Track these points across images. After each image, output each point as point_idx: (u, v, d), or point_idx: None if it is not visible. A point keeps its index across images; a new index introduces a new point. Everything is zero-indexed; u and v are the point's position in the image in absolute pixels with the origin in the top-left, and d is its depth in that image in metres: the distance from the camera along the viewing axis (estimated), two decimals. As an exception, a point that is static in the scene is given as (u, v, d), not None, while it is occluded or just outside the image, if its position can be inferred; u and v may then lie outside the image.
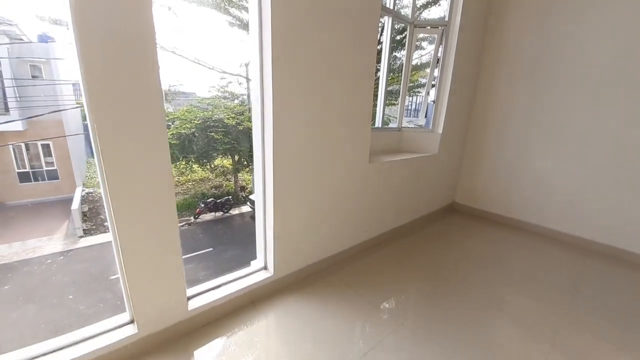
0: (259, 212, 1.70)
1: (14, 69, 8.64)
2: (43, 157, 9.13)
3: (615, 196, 2.36)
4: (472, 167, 3.23)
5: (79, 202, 8.12)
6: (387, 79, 2.58)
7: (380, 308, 1.66)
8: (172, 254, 1.24)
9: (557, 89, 2.54)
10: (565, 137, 2.56)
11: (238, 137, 8.44)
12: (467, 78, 2.88)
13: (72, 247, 7.36)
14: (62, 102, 9.15)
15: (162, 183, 1.16)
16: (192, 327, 1.37)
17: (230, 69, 8.78)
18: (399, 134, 2.82)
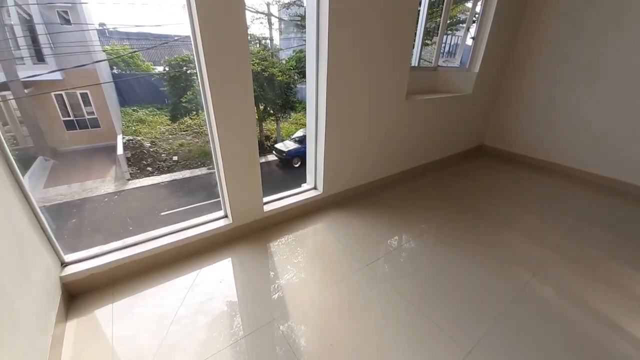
0: (310, 141, 1.98)
1: (44, 16, 8.77)
2: (83, 106, 9.73)
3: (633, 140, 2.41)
4: (505, 108, 3.26)
5: (122, 148, 8.85)
6: (427, 15, 2.56)
7: (409, 222, 2.00)
8: (253, 171, 1.59)
9: (601, 24, 2.43)
10: (603, 77, 2.53)
11: (263, 85, 8.47)
12: (510, 15, 2.77)
13: (123, 188, 8.29)
14: (93, 49, 9.37)
15: (248, 120, 1.45)
16: (266, 224, 1.79)
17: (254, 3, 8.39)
18: (434, 73, 2.87)
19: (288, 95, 9.16)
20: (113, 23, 14.23)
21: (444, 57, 5.47)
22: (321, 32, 1.63)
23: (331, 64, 1.67)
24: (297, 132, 10.86)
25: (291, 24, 9.05)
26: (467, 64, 2.86)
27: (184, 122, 10.57)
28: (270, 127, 11.56)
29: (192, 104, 8.31)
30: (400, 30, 1.95)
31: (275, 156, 10.25)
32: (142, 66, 12.90)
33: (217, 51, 1.24)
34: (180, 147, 9.79)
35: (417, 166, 2.75)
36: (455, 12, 6.13)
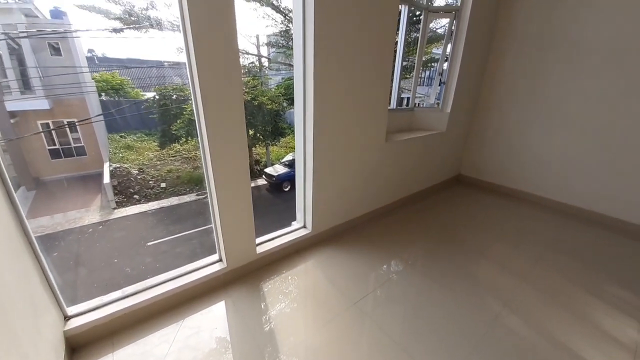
0: (299, 181, 2.14)
1: (34, 47, 8.90)
2: (70, 134, 9.69)
3: (601, 169, 2.71)
4: (476, 142, 3.56)
5: (109, 176, 8.77)
6: (402, 61, 2.86)
7: (392, 255, 2.15)
8: (246, 214, 1.71)
9: (557, 69, 2.79)
10: (561, 115, 2.86)
11: (253, 112, 8.73)
12: (475, 62, 3.11)
13: (108, 218, 8.12)
14: (83, 77, 9.47)
15: (241, 164, 1.59)
16: (259, 265, 1.89)
17: (245, 44, 8.77)
18: (411, 113, 3.15)
19: (277, 121, 9.44)
20: (103, 50, 14.43)
21: (424, 84, 5.93)
22: (307, 85, 1.83)
23: (316, 117, 1.87)
24: (286, 155, 11.08)
25: (279, 55, 9.52)
26: (440, 104, 3.16)
27: (172, 148, 10.62)
28: (260, 151, 11.74)
29: (182, 131, 8.43)
30: (377, 86, 2.20)
31: (265, 180, 10.36)
32: (132, 93, 13.01)
33: (212, 84, 1.36)
34: (168, 173, 9.77)
35: (400, 199, 2.94)
36: (431, 50, 6.69)
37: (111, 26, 4.82)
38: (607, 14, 2.45)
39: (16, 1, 9.42)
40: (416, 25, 3.04)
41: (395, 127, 3.00)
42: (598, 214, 2.77)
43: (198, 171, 9.71)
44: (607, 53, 2.50)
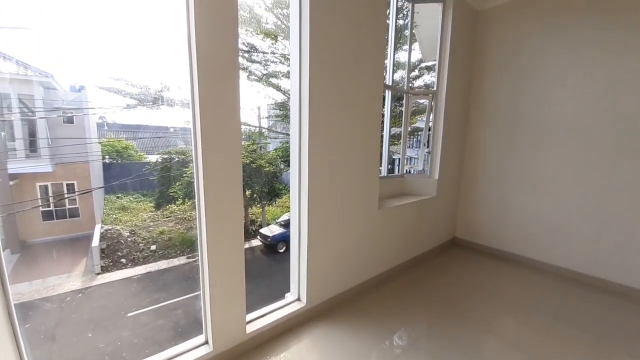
0: (294, 250, 2.13)
1: (49, 117, 9.57)
2: (67, 194, 9.76)
3: (593, 233, 2.76)
4: (467, 206, 3.67)
5: (98, 239, 8.52)
6: (390, 130, 3.13)
7: (392, 330, 2.02)
8: (237, 282, 1.66)
9: (530, 138, 3.07)
10: (542, 181, 3.03)
11: (251, 174, 9.02)
12: (455, 134, 3.43)
13: (90, 284, 7.63)
14: (90, 143, 9.95)
15: (235, 227, 1.62)
16: (248, 347, 1.75)
17: (248, 115, 9.54)
18: (402, 179, 3.31)
19: (274, 183, 9.70)
20: (114, 117, 15.51)
21: (413, 146, 6.33)
22: (302, 157, 1.97)
23: (310, 186, 1.97)
24: (282, 215, 11.05)
25: (278, 123, 10.29)
26: (428, 171, 3.35)
27: (168, 209, 10.60)
28: (257, 211, 11.74)
29: (180, 193, 8.55)
30: (367, 159, 2.38)
31: (259, 241, 10.12)
32: (135, 156, 13.53)
33: (214, 151, 1.48)
34: (160, 235, 9.55)
35: (396, 265, 2.88)
36: (415, 120, 7.36)
37: (126, 103, 5.30)
38: (565, 97, 2.82)
39: (37, 74, 10.49)
40: (400, 101, 3.42)
41: (387, 193, 3.12)
42: (599, 280, 2.71)
43: (191, 232, 9.52)
44: (568, 129, 2.79)
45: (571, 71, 2.76)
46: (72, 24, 3.78)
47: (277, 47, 6.87)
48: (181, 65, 1.44)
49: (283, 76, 7.44)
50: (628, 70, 2.47)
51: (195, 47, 1.37)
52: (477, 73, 3.42)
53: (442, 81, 3.12)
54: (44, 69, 11.22)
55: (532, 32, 2.98)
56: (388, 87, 2.91)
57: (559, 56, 2.82)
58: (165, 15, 3.89)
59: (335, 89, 2.03)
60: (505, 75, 3.20)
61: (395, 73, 3.34)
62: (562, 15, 2.79)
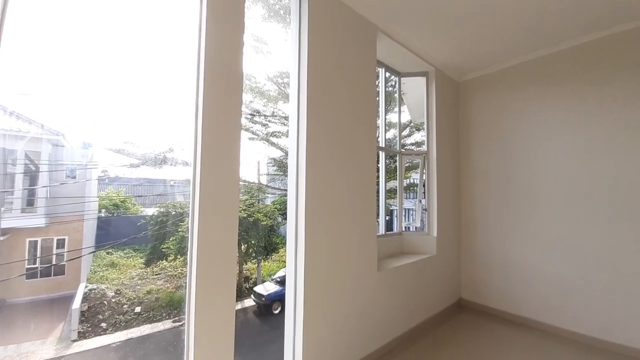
0: (289, 322, 1.98)
1: (51, 172, 9.77)
2: (56, 250, 9.39)
3: (596, 287, 2.63)
4: (469, 264, 3.55)
5: (80, 300, 7.94)
6: (386, 188, 3.20)
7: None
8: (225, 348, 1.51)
9: (522, 193, 3.13)
10: (539, 234, 2.99)
11: (248, 228, 8.88)
12: (450, 189, 3.51)
13: (63, 353, 6.85)
14: (89, 197, 9.97)
15: (226, 302, 1.53)
16: None
17: (247, 170, 9.82)
18: (400, 237, 3.27)
19: (271, 236, 9.49)
20: (116, 171, 15.89)
21: (410, 197, 6.36)
22: (299, 216, 1.97)
23: (307, 250, 1.93)
24: (278, 271, 10.54)
25: (277, 178, 10.51)
26: (426, 228, 3.33)
27: (158, 265, 10.14)
28: (252, 267, 11.23)
29: (173, 248, 8.28)
30: (364, 221, 2.39)
31: (253, 301, 9.46)
32: (132, 209, 13.42)
33: (211, 209, 1.51)
34: (147, 294, 8.94)
35: (399, 335, 2.66)
36: (410, 175, 7.59)
37: (130, 163, 5.49)
38: (548, 156, 2.97)
39: (48, 132, 11.06)
40: (395, 157, 3.58)
41: (386, 252, 3.05)
42: (615, 344, 2.49)
43: (180, 291, 8.96)
44: (558, 186, 2.88)
45: (551, 132, 2.96)
46: (87, 86, 4.14)
47: (278, 108, 7.42)
48: (187, 128, 1.56)
49: (283, 135, 7.89)
50: (602, 132, 2.65)
51: (201, 111, 1.51)
52: (464, 134, 3.66)
53: (432, 143, 3.31)
54: (55, 128, 11.82)
55: (508, 100, 3.29)
56: (382, 148, 3.08)
57: (536, 120, 3.06)
58: (175, 81, 4.29)
59: (331, 150, 2.14)
60: (491, 136, 3.41)
61: (388, 132, 3.56)
62: (530, 87, 3.11)
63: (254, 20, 5.48)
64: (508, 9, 2.38)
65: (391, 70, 3.31)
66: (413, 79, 3.48)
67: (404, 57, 3.07)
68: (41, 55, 3.78)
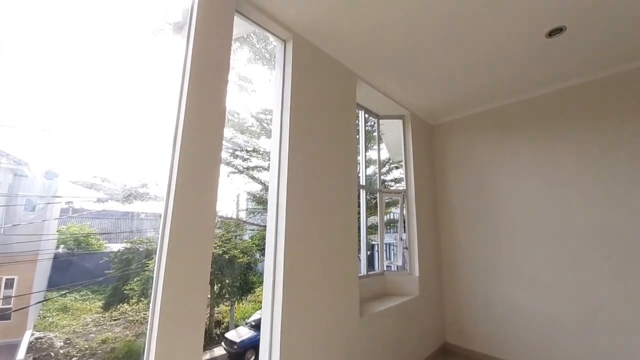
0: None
1: (8, 203, 8.96)
2: (3, 291, 8.19)
3: (581, 328, 2.62)
4: (453, 305, 3.47)
5: (24, 351, 6.83)
6: (367, 225, 3.17)
7: None
8: None
9: (498, 232, 3.19)
10: (520, 273, 3.00)
11: (222, 266, 8.36)
12: (429, 227, 3.55)
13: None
14: (48, 230, 9.10)
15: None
16: None
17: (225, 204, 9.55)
18: (382, 277, 3.18)
19: (247, 275, 8.96)
20: (81, 203, 14.72)
21: (390, 231, 6.31)
22: (277, 257, 1.86)
23: (285, 293, 1.80)
24: (253, 314, 9.78)
25: (256, 212, 10.25)
26: (408, 267, 3.28)
27: (119, 309, 9.11)
28: (224, 309, 10.38)
29: (137, 290, 7.54)
30: (346, 262, 2.32)
31: (224, 349, 8.57)
32: (95, 245, 12.36)
33: (182, 246, 1.40)
34: (102, 344, 7.89)
35: (384, 387, 2.46)
36: (390, 210, 7.69)
37: (97, 197, 5.18)
38: (520, 196, 3.12)
39: (11, 162, 10.31)
40: (375, 194, 3.62)
41: (368, 294, 2.93)
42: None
43: (141, 340, 7.98)
44: (532, 225, 2.99)
45: (519, 174, 3.15)
46: (58, 117, 3.99)
47: (259, 145, 7.50)
48: (163, 162, 1.50)
49: (264, 169, 7.87)
50: (567, 173, 2.84)
51: (179, 145, 1.46)
52: (440, 174, 3.81)
53: (410, 182, 3.40)
54: (20, 157, 11.14)
55: (477, 142, 3.51)
56: (362, 187, 3.12)
57: (504, 162, 3.26)
58: (156, 116, 4.23)
59: (311, 187, 2.12)
60: (464, 176, 3.57)
61: (368, 168, 3.64)
62: (497, 132, 3.36)
63: (240, 62, 5.74)
64: (474, 65, 2.65)
65: (370, 112, 3.49)
66: (391, 121, 3.67)
67: (382, 101, 3.27)
68: (13, 80, 3.65)
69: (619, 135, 2.63)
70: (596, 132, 2.75)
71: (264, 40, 5.13)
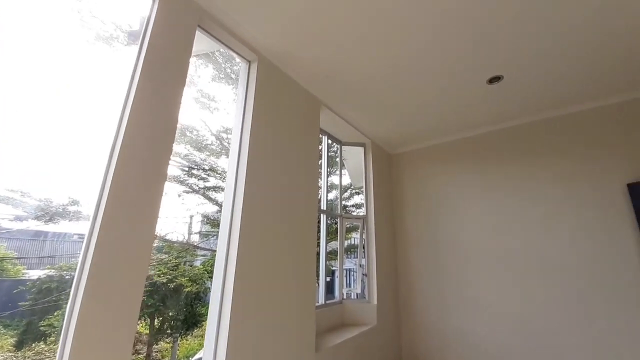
0: None
1: None
2: None
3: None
4: (410, 334, 3.43)
5: None
6: (327, 250, 3.09)
7: None
8: None
9: (453, 261, 3.31)
10: (475, 303, 3.07)
11: (166, 297, 7.48)
12: (388, 255, 3.58)
13: None
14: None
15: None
16: None
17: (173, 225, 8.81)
18: (340, 306, 3.06)
19: (195, 306, 8.11)
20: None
21: (351, 256, 6.24)
22: (227, 283, 1.67)
23: (232, 329, 1.61)
24: (200, 351, 8.76)
25: (210, 237, 9.54)
26: (367, 295, 3.22)
27: (33, 348, 7.53)
28: (165, 347, 9.15)
29: (55, 327, 6.35)
30: (303, 295, 2.19)
31: (161, 396, 7.43)
32: (11, 271, 10.37)
33: (109, 263, 1.21)
34: (0, 399, 6.35)
35: None
36: (350, 235, 7.73)
37: (14, 215, 4.42)
38: (472, 226, 3.32)
39: None
40: (335, 219, 3.59)
41: (326, 325, 2.79)
42: None
43: (56, 390, 6.59)
44: (485, 255, 3.16)
45: (470, 204, 3.37)
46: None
47: (217, 164, 7.18)
48: (98, 178, 1.31)
49: (222, 190, 7.50)
50: (514, 207, 3.08)
51: (117, 157, 1.29)
52: (398, 202, 3.94)
53: (370, 208, 3.46)
54: None
55: (432, 173, 3.73)
56: (323, 211, 3.08)
57: (456, 192, 3.48)
58: (94, 123, 3.84)
59: (269, 211, 2.02)
60: (420, 205, 3.72)
61: (330, 192, 3.63)
62: (451, 164, 3.62)
63: (204, 79, 5.59)
64: (423, 105, 2.91)
65: (333, 138, 3.56)
66: (353, 148, 3.77)
67: (345, 128, 3.36)
68: None
69: (550, 171, 2.96)
70: (534, 168, 3.06)
71: (229, 60, 5.10)
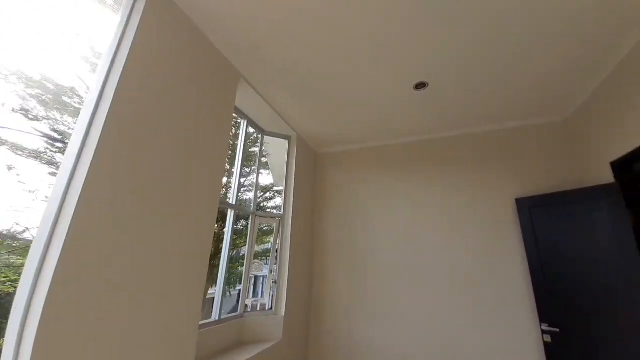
0: None
1: None
2: None
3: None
4: (317, 350, 3.13)
5: None
6: (229, 255, 2.56)
7: None
8: None
9: (367, 267, 3.20)
10: (387, 312, 2.96)
11: None
12: (303, 260, 3.25)
13: None
14: None
15: None
16: None
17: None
18: (240, 320, 2.57)
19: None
20: None
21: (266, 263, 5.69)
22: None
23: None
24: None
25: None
26: (273, 306, 2.81)
27: None
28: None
29: None
30: (186, 282, 1.64)
31: None
32: None
33: None
34: None
35: None
36: (267, 240, 7.21)
37: None
38: (382, 233, 3.29)
39: None
40: (246, 219, 3.09)
41: (218, 346, 2.24)
42: None
43: None
44: (394, 263, 3.14)
45: (385, 211, 3.35)
46: None
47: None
48: None
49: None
50: (426, 216, 3.13)
51: None
52: (319, 204, 3.70)
53: (288, 207, 3.11)
54: None
55: (356, 177, 3.62)
56: (231, 206, 2.56)
57: (374, 198, 3.43)
58: None
59: (133, 192, 1.44)
60: (342, 210, 3.55)
61: (250, 192, 3.12)
62: (372, 169, 3.57)
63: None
64: (357, 101, 2.74)
65: (255, 125, 3.11)
66: (277, 142, 3.38)
67: (270, 116, 2.97)
68: None
69: (456, 182, 3.15)
70: (445, 178, 3.19)
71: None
